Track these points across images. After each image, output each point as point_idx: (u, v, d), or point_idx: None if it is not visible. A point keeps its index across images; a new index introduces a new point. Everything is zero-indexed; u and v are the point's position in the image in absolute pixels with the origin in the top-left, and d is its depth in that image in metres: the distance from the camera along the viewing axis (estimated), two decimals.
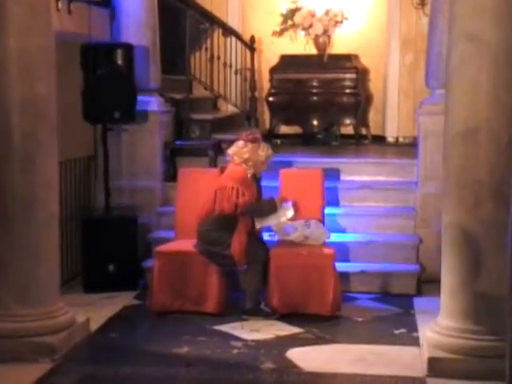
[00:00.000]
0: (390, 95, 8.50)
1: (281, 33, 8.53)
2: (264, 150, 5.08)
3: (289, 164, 6.25)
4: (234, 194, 4.91)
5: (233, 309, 5.08)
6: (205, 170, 5.87)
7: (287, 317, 4.95)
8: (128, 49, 5.85)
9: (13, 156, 4.21)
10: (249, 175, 5.04)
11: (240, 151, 5.05)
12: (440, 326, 4.11)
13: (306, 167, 6.10)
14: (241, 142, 5.08)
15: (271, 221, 5.09)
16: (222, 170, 5.29)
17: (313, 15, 8.31)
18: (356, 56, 8.40)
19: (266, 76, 8.60)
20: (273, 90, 8.36)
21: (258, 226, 5.05)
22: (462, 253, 4.00)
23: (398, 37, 8.39)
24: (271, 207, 5.08)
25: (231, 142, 5.27)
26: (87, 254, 5.68)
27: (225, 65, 8.20)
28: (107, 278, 5.63)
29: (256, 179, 5.13)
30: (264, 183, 5.31)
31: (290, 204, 5.13)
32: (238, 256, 4.92)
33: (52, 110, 4.35)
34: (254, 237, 5.08)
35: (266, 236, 5.25)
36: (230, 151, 5.11)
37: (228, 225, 4.95)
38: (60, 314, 4.37)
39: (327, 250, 5.09)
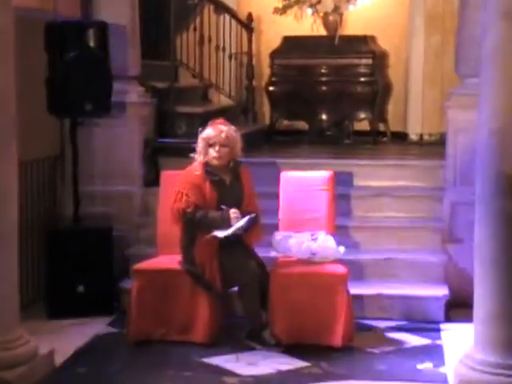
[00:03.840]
0: (412, 84, 8.52)
1: (284, 10, 8.55)
2: (206, 130, 5.08)
3: (292, 166, 6.23)
4: (173, 199, 4.97)
5: (226, 338, 5.07)
6: None
7: (290, 348, 4.94)
8: (102, 28, 5.83)
9: None
10: (199, 171, 5.00)
11: (197, 145, 5.12)
12: (473, 360, 4.09)
13: (312, 170, 6.08)
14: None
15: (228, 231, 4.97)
16: None
17: None
18: (372, 37, 8.42)
19: (265, 61, 8.63)
20: (274, 78, 8.38)
21: (218, 235, 4.94)
22: (499, 273, 3.98)
23: (423, 14, 8.40)
24: (224, 220, 4.94)
25: None
26: (52, 273, 5.66)
27: (217, 48, 8.21)
28: (76, 300, 5.62)
29: (219, 176, 5.04)
30: (261, 189, 5.28)
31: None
32: (209, 277, 4.90)
33: (10, 101, 4.32)
34: (244, 250, 5.04)
35: (264, 252, 5.23)
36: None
37: (189, 236, 4.98)
38: (18, 345, 4.34)
39: (338, 269, 5.08)
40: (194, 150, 5.16)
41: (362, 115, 8.22)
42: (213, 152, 5.05)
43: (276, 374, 4.63)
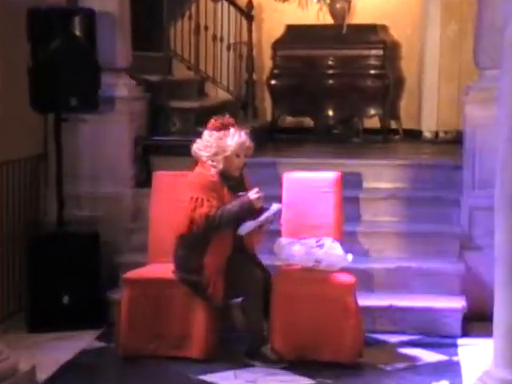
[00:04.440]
0: (427, 77, 8.53)
1: None
2: (235, 138, 5.00)
3: (295, 166, 6.23)
4: (192, 206, 4.88)
5: (224, 353, 5.06)
6: (187, 174, 5.83)
7: (293, 364, 4.93)
8: (89, 16, 5.84)
9: None
10: (215, 177, 4.96)
11: (205, 144, 5.02)
12: (492, 378, 4.08)
13: (318, 170, 6.09)
14: (206, 133, 5.07)
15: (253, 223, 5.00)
16: None
17: None
18: (383, 27, 8.43)
19: (267, 53, 8.63)
20: (276, 71, 8.39)
21: (240, 232, 4.98)
22: None
23: (438, 1, 8.40)
24: (245, 208, 4.92)
25: None
26: (35, 282, 5.65)
27: (214, 38, 8.22)
28: (60, 312, 5.61)
29: (233, 180, 5.05)
30: (263, 192, 5.27)
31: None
32: (212, 286, 4.89)
33: None
34: (247, 258, 5.05)
35: (265, 259, 5.23)
36: (195, 146, 5.09)
37: (193, 243, 4.93)
38: None
39: (346, 279, 5.07)
40: (188, 148, 5.14)
41: (372, 111, 8.23)
42: (239, 163, 5.02)
43: None
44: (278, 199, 5.52)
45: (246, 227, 4.94)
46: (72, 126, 6.05)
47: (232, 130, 5.03)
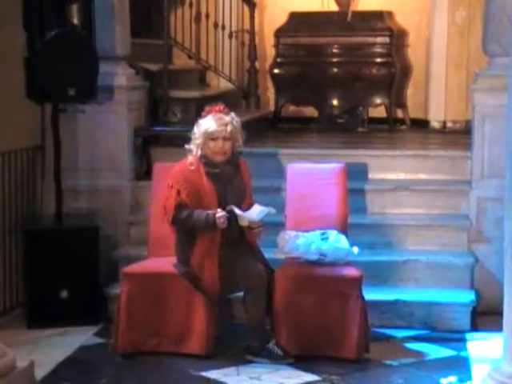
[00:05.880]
0: (434, 65, 8.50)
1: None
2: (213, 120, 4.96)
3: (300, 157, 6.22)
4: (166, 195, 4.93)
5: (225, 349, 5.07)
6: None
7: (298, 360, 4.93)
8: (86, 3, 5.82)
9: None
10: (193, 164, 4.94)
11: (193, 132, 5.04)
12: (503, 373, 4.06)
13: (322, 161, 6.08)
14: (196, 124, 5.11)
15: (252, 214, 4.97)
16: None
17: None
18: (390, 13, 8.43)
19: (270, 41, 8.62)
20: (279, 60, 8.39)
21: (242, 222, 4.96)
22: None
23: None
24: (209, 226, 4.88)
25: None
26: (32, 277, 5.66)
27: (216, 26, 8.20)
28: (58, 308, 5.62)
29: (218, 168, 4.99)
30: (265, 183, 5.28)
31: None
32: (204, 278, 4.89)
33: None
34: (248, 252, 5.03)
35: (268, 253, 5.22)
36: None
37: (186, 236, 4.95)
38: None
39: (351, 272, 5.07)
40: (189, 140, 5.12)
41: (378, 100, 8.23)
42: (214, 147, 4.98)
43: None
44: (282, 191, 5.52)
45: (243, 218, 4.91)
46: (70, 117, 6.04)
47: (215, 114, 5.01)
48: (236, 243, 5.00)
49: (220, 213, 4.85)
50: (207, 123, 5.00)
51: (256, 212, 4.94)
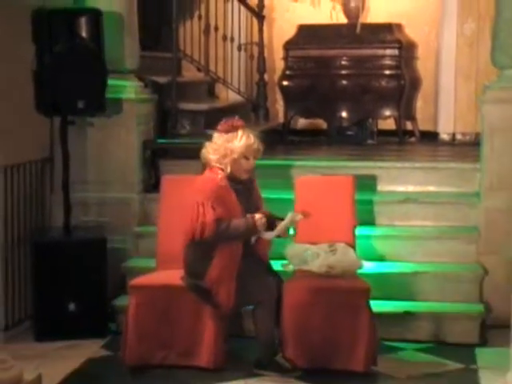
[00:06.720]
0: (443, 77, 8.50)
1: None
2: (243, 140, 4.95)
3: (308, 169, 6.22)
4: (198, 213, 4.86)
5: (234, 362, 5.06)
6: (196, 178, 5.83)
7: (306, 373, 4.92)
8: (95, 16, 5.85)
9: None
10: (223, 181, 4.92)
11: (214, 147, 4.99)
12: None
13: (331, 173, 6.08)
14: (215, 136, 5.04)
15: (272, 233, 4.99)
16: None
17: None
18: (399, 26, 8.43)
19: (279, 53, 8.63)
20: (288, 72, 8.39)
21: (266, 236, 4.98)
22: None
23: None
24: (249, 229, 4.91)
25: None
26: (40, 290, 5.66)
27: (225, 38, 8.23)
28: (66, 321, 5.62)
29: (242, 184, 5.02)
30: (274, 195, 5.28)
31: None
32: (220, 292, 4.88)
33: None
34: (260, 265, 5.04)
35: (276, 265, 5.23)
36: (203, 150, 5.06)
37: (201, 248, 4.92)
38: (1, 370, 4.32)
39: (359, 284, 5.07)
40: (198, 151, 5.12)
41: (387, 113, 8.23)
42: (246, 165, 4.98)
43: None
44: (290, 203, 5.51)
45: (267, 236, 4.94)
46: (78, 130, 6.06)
47: (240, 131, 5.02)
48: (247, 255, 4.99)
49: (258, 215, 4.88)
50: (242, 141, 4.96)
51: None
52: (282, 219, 4.95)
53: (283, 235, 5.00)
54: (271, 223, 4.95)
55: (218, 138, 5.01)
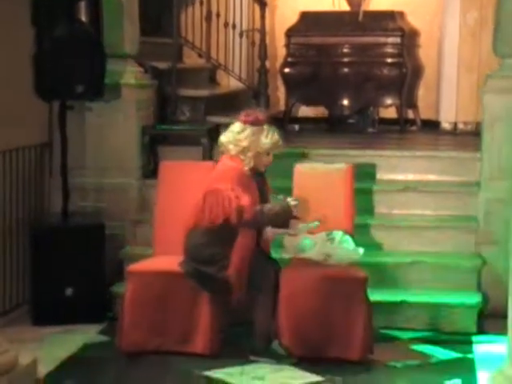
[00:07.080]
0: (446, 66, 8.47)
1: None
2: (269, 136, 5.03)
3: (308, 157, 6.21)
4: (231, 198, 4.86)
5: (230, 348, 5.06)
6: (196, 164, 5.85)
7: (302, 360, 4.93)
8: (95, 0, 5.84)
9: None
10: (246, 172, 4.99)
11: (236, 138, 5.01)
12: (506, 377, 4.04)
13: (331, 162, 6.06)
14: (238, 125, 5.05)
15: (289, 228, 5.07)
16: None
17: None
18: (401, 14, 8.39)
19: (280, 40, 8.60)
20: (290, 59, 8.37)
21: (269, 234, 5.01)
22: None
23: None
24: (286, 213, 5.00)
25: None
26: (38, 275, 5.68)
27: (226, 25, 8.20)
28: (63, 306, 5.63)
29: (257, 176, 5.08)
30: (273, 183, 5.26)
31: None
32: (236, 280, 4.89)
33: None
34: (261, 253, 5.05)
35: (274, 253, 5.22)
36: (224, 138, 5.08)
37: (225, 238, 4.92)
38: None
39: (357, 273, 5.06)
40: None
41: (389, 101, 8.21)
42: (267, 161, 5.08)
43: None
44: (289, 191, 5.50)
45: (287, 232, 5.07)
46: (77, 115, 6.05)
47: (265, 126, 5.04)
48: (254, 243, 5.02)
49: (289, 198, 5.01)
50: (269, 138, 5.03)
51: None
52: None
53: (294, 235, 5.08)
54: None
55: (243, 129, 5.01)
